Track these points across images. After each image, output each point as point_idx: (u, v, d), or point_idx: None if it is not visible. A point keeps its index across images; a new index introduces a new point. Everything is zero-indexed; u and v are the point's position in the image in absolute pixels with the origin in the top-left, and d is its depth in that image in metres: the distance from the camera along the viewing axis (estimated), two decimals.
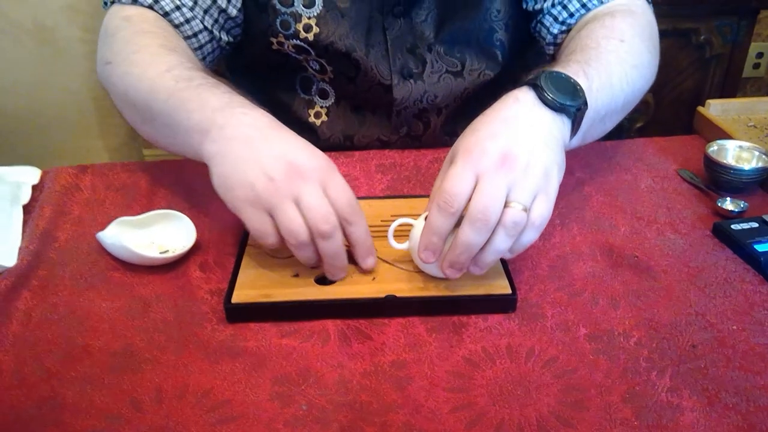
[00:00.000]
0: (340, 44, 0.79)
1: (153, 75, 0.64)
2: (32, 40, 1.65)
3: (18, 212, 0.70)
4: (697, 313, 0.58)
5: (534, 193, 0.53)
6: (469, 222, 0.52)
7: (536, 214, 0.53)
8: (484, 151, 0.53)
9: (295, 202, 0.54)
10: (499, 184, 0.52)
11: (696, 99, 1.76)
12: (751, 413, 0.49)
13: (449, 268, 0.55)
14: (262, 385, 0.51)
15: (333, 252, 0.56)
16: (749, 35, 1.71)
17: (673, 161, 0.82)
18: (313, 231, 0.55)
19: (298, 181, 0.54)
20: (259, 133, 0.57)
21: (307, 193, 0.54)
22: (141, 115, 0.68)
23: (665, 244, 0.67)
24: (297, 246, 0.55)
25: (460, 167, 0.53)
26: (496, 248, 0.53)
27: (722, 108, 0.91)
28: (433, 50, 0.82)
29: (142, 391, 0.51)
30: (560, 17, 0.79)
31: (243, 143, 0.56)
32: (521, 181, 0.52)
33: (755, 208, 0.71)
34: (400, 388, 0.51)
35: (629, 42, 0.69)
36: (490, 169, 0.52)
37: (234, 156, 0.56)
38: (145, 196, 0.75)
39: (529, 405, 0.50)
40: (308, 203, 0.54)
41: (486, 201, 0.51)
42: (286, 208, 0.54)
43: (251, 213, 0.55)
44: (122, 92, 0.68)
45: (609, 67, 0.65)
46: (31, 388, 0.51)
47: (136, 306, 0.59)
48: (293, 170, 0.55)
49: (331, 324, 0.57)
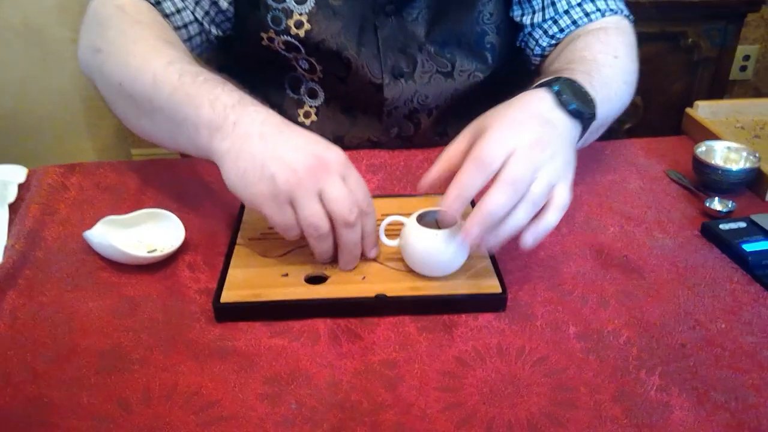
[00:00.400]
0: (331, 42, 0.79)
1: (155, 67, 0.63)
2: (21, 41, 1.64)
3: (4, 211, 0.70)
4: (685, 312, 0.59)
5: (557, 178, 0.56)
6: (500, 187, 0.53)
7: (559, 197, 0.56)
8: (521, 128, 0.56)
9: (319, 194, 0.55)
10: (531, 160, 0.54)
11: (684, 101, 1.76)
12: (739, 411, 0.49)
13: (467, 235, 0.55)
14: (252, 385, 0.51)
15: (355, 241, 0.58)
16: (736, 38, 1.73)
17: (662, 162, 0.83)
18: (338, 221, 0.56)
19: (322, 173, 0.55)
20: (274, 129, 0.57)
21: (330, 185, 0.55)
22: (138, 109, 0.66)
23: (654, 244, 0.67)
24: (318, 238, 0.56)
25: (498, 135, 0.55)
26: (516, 219, 0.55)
27: (710, 110, 0.92)
28: (424, 50, 0.82)
29: (130, 391, 0.50)
30: (550, 31, 0.81)
31: (259, 139, 0.56)
32: (548, 164, 0.55)
33: (743, 209, 0.72)
34: (391, 388, 0.51)
35: (622, 59, 0.73)
36: (524, 145, 0.54)
37: (251, 151, 0.55)
38: (133, 196, 0.74)
39: (520, 404, 0.50)
40: (333, 195, 0.55)
41: (517, 171, 0.54)
42: (310, 201, 0.55)
43: (274, 207, 0.55)
44: (116, 83, 0.66)
45: (608, 81, 0.68)
46: (17, 388, 0.51)
47: (124, 306, 0.59)
48: (317, 162, 0.55)
49: (321, 323, 0.57)
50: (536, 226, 0.56)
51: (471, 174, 0.54)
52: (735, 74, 2.09)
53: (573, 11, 0.80)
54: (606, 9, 0.80)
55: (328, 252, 0.59)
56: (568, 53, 0.75)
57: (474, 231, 0.54)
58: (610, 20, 0.80)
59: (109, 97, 0.70)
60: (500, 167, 0.54)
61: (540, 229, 0.56)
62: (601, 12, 0.80)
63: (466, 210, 0.70)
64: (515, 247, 0.66)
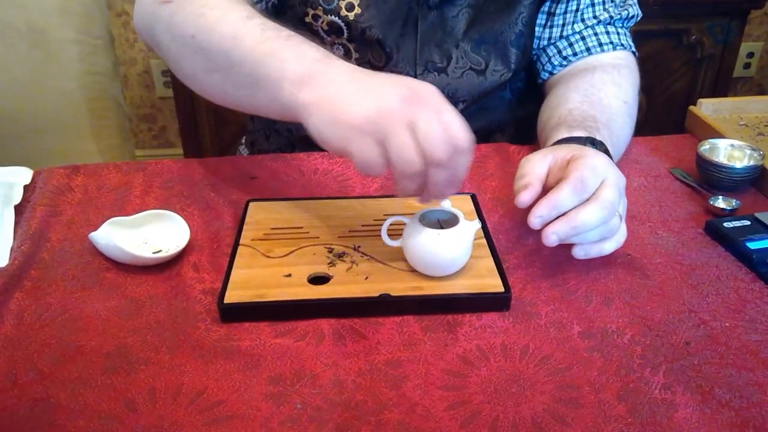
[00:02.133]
0: (376, 30, 0.79)
1: (235, 20, 0.61)
2: (25, 42, 1.65)
3: (9, 213, 0.70)
4: (690, 310, 0.59)
5: (623, 215, 0.62)
6: (598, 205, 0.58)
7: (622, 232, 0.62)
8: (608, 164, 0.62)
9: (411, 128, 0.51)
10: (619, 191, 0.61)
11: (687, 99, 1.77)
12: (743, 409, 0.49)
13: (537, 217, 0.58)
14: (257, 385, 0.51)
15: (445, 177, 0.54)
16: (740, 35, 1.72)
17: (666, 160, 0.82)
18: (430, 159, 0.52)
19: (416, 105, 0.52)
20: (364, 74, 0.55)
21: (425, 119, 0.51)
22: (211, 62, 0.63)
23: (658, 243, 0.67)
24: (409, 175, 0.52)
25: (594, 164, 0.60)
26: (590, 235, 0.59)
27: (714, 107, 0.91)
28: (460, 47, 0.83)
29: (135, 391, 0.51)
30: (564, 52, 0.86)
31: (350, 82, 0.54)
32: (623, 201, 0.62)
33: (747, 206, 0.72)
34: (395, 387, 0.51)
35: (630, 104, 0.80)
36: (613, 178, 0.60)
37: (342, 94, 0.53)
38: (138, 197, 0.74)
39: (524, 403, 0.50)
40: (429, 128, 0.51)
41: (613, 197, 0.59)
42: (403, 134, 0.51)
43: (361, 142, 0.52)
44: (188, 35, 0.63)
45: (619, 133, 0.75)
46: (24, 389, 0.51)
47: (130, 306, 0.59)
48: (411, 95, 0.52)
49: (325, 323, 0.57)
50: (594, 248, 0.60)
51: (568, 194, 0.58)
52: (739, 71, 2.09)
53: (589, 39, 0.85)
54: (618, 43, 0.85)
55: (413, 189, 0.55)
56: (586, 88, 0.79)
57: (563, 228, 0.57)
58: (621, 55, 0.85)
59: (176, 52, 0.67)
60: (593, 192, 0.59)
61: (594, 251, 0.61)
62: (614, 45, 0.85)
63: (468, 210, 0.70)
64: (518, 247, 0.67)
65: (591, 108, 0.75)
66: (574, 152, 0.62)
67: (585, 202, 0.58)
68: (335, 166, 0.79)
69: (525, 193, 0.60)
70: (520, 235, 0.68)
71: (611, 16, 0.85)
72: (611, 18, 0.86)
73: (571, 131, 0.70)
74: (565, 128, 0.71)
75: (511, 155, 0.83)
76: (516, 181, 0.62)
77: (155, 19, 0.68)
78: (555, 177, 0.61)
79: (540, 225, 0.58)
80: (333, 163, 0.80)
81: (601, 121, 0.72)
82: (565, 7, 0.86)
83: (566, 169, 0.60)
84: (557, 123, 0.73)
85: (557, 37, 0.87)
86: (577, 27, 0.86)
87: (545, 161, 0.63)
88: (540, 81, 0.90)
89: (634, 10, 0.87)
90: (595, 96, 0.77)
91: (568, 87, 0.81)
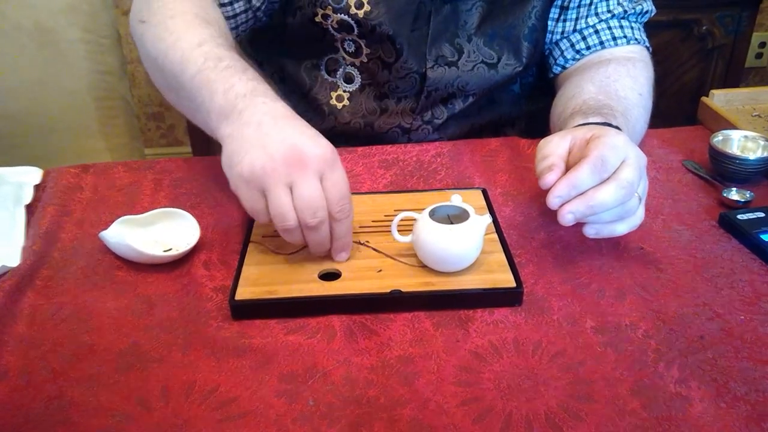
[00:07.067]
0: (387, 26, 0.80)
1: (185, 47, 0.65)
2: (33, 42, 1.65)
3: (21, 212, 0.70)
4: (704, 303, 0.58)
5: (643, 196, 0.61)
6: (617, 184, 0.57)
7: (640, 213, 0.61)
8: (628, 143, 0.60)
9: (290, 187, 0.56)
10: (640, 170, 0.59)
11: (698, 90, 1.75)
12: (759, 403, 0.49)
13: (556, 197, 0.57)
14: (269, 382, 0.51)
15: (319, 241, 0.59)
16: (751, 26, 1.70)
17: (678, 152, 0.82)
18: (301, 221, 0.56)
19: (296, 167, 0.55)
20: (272, 120, 0.58)
21: (301, 181, 0.55)
22: (167, 83, 0.69)
23: (671, 236, 0.67)
24: (284, 230, 0.57)
25: (615, 142, 0.59)
26: (607, 215, 0.58)
27: (726, 98, 0.90)
28: (473, 41, 0.83)
29: (148, 389, 0.51)
30: (577, 46, 0.85)
31: (255, 127, 0.58)
32: (643, 181, 0.61)
33: (761, 198, 0.71)
34: (407, 383, 0.51)
35: (645, 97, 0.78)
36: (633, 162, 0.59)
37: (243, 137, 0.58)
38: (148, 195, 0.74)
39: (537, 398, 0.49)
40: (301, 193, 0.56)
41: (632, 176, 0.58)
42: (279, 192, 0.55)
43: (246, 190, 0.57)
44: (153, 56, 0.69)
45: (635, 123, 0.75)
46: (38, 388, 0.51)
47: (141, 304, 0.59)
48: (294, 155, 0.55)
49: (336, 320, 0.57)
50: (605, 228, 0.59)
51: (588, 173, 0.57)
52: (751, 61, 2.06)
53: (603, 33, 0.84)
54: (632, 38, 0.84)
55: (298, 243, 0.59)
56: (601, 80, 0.77)
57: (579, 208, 0.56)
58: (635, 50, 0.84)
59: (147, 65, 0.73)
60: (614, 171, 0.58)
61: (605, 232, 0.59)
62: (627, 39, 0.84)
63: (479, 204, 0.70)
64: (530, 241, 0.66)
65: (607, 98, 0.74)
66: (594, 131, 0.61)
67: (604, 181, 0.57)
68: (344, 162, 0.79)
69: (550, 174, 0.58)
70: (531, 230, 0.68)
71: (625, 11, 0.85)
72: (625, 12, 0.85)
73: (586, 118, 0.69)
74: (581, 116, 0.70)
75: (522, 149, 0.82)
76: (538, 162, 0.61)
77: (135, 35, 0.75)
78: (575, 157, 0.60)
79: (558, 205, 0.57)
80: (342, 159, 0.79)
81: (618, 110, 0.71)
82: (579, 1, 0.85)
83: (586, 148, 0.59)
84: (572, 112, 0.72)
85: (570, 30, 0.86)
86: (591, 20, 0.85)
87: (565, 142, 0.62)
88: (552, 75, 0.89)
89: (648, 5, 0.86)
90: (611, 87, 0.76)
91: (583, 78, 0.80)
